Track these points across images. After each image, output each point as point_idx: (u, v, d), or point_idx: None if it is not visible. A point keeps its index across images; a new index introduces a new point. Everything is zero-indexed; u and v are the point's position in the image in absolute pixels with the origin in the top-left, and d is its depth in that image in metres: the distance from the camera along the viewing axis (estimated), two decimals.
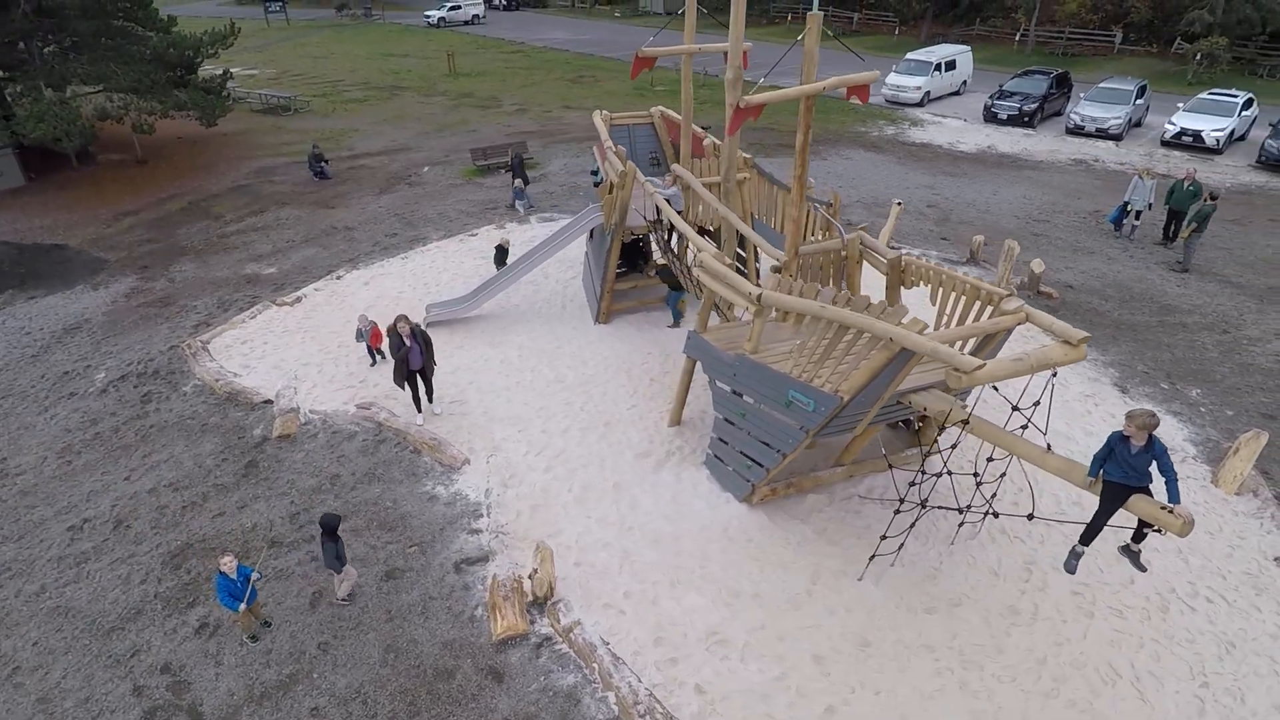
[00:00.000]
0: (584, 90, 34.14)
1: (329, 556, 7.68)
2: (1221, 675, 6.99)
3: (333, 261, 16.27)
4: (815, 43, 8.55)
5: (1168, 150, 24.13)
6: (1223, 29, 34.02)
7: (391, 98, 32.98)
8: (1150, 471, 5.67)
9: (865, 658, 7.16)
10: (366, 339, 11.67)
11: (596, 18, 61.65)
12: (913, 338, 6.51)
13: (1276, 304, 14.28)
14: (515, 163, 19.49)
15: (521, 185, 18.99)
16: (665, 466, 9.81)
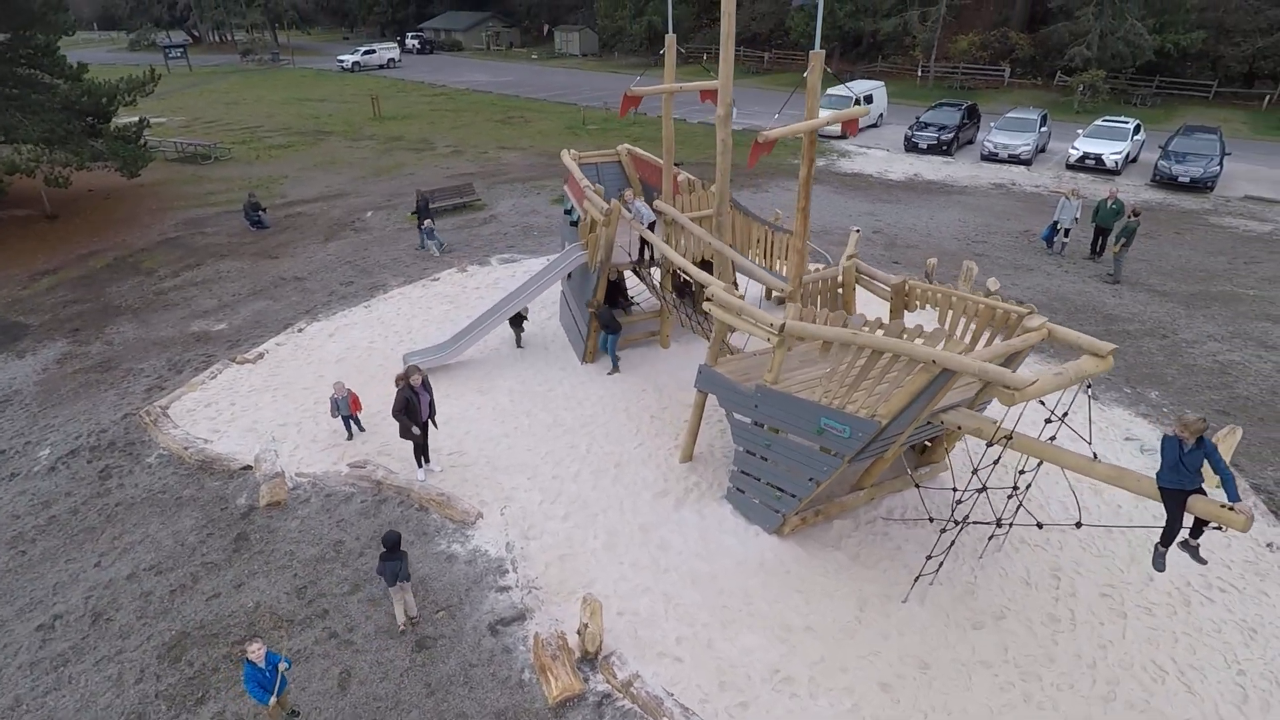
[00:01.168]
0: (516, 131, 34.15)
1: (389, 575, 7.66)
2: (1253, 660, 7.38)
3: (288, 314, 15.44)
4: (818, 80, 8.82)
5: (1073, 172, 26.16)
6: (1099, 63, 37.43)
7: (317, 143, 31.97)
8: (1200, 472, 5.98)
9: (929, 680, 7.17)
10: (345, 409, 10.71)
11: (514, 60, 62.10)
12: (959, 359, 6.69)
13: (1200, 309, 15.54)
14: (422, 204, 19.07)
15: (430, 226, 18.70)
16: (686, 504, 9.66)
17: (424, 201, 19.12)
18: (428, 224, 18.69)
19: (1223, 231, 20.53)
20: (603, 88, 45.94)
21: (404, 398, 9.43)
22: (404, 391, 9.43)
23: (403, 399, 9.44)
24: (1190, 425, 5.77)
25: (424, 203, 19.09)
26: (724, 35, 10.05)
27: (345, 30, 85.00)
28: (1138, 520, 9.24)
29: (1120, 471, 6.48)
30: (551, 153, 29.86)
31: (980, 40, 47.23)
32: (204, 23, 76.11)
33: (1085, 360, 6.98)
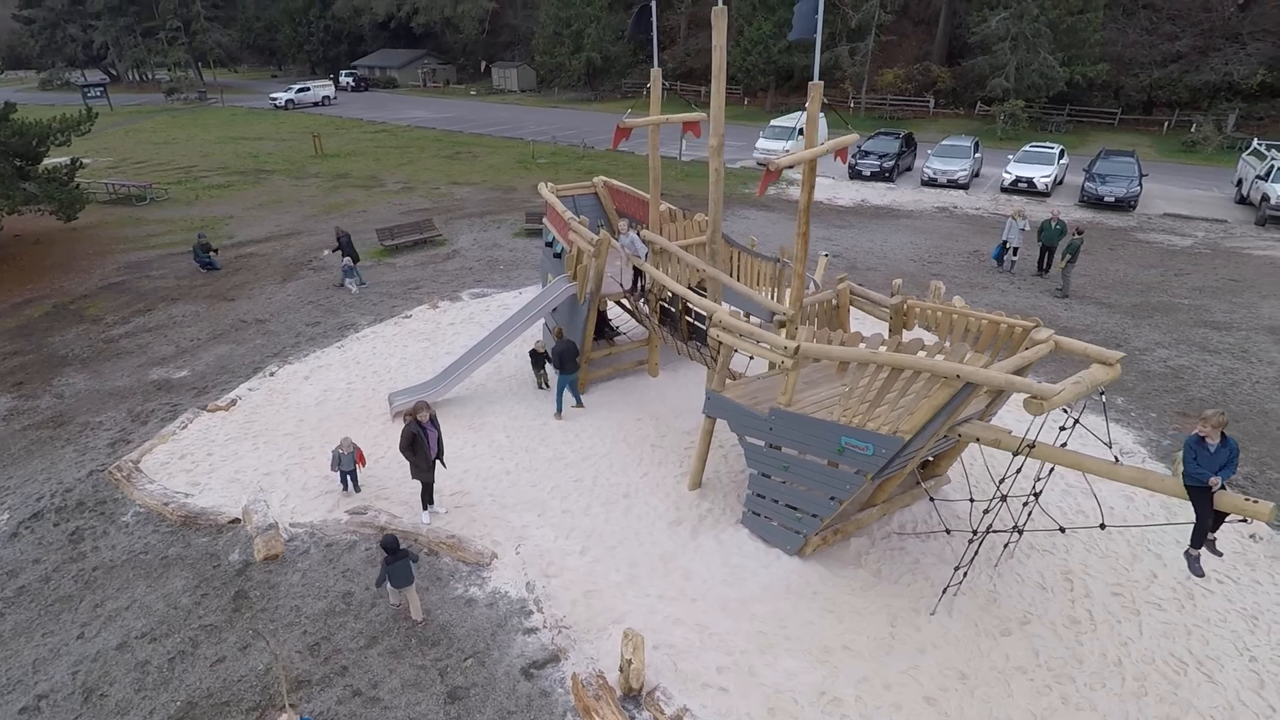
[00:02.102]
0: (465, 166, 33.97)
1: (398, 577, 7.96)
2: (1260, 647, 7.78)
3: (254, 358, 14.78)
4: (817, 109, 9.10)
5: (1008, 195, 27.71)
6: (1017, 93, 39.93)
7: (259, 182, 31.03)
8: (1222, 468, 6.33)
9: (970, 690, 7.27)
10: (349, 465, 10.10)
11: (452, 96, 62.01)
12: (985, 373, 6.94)
13: (1145, 319, 16.57)
14: (344, 241, 18.52)
15: (351, 263, 18.25)
16: (702, 531, 9.61)
17: (345, 237, 18.49)
18: (346, 261, 18.17)
19: (1150, 246, 22.03)
20: (546, 122, 46.33)
21: (410, 433, 9.12)
22: (410, 426, 9.13)
23: (409, 434, 9.13)
24: (1211, 420, 6.12)
25: (345, 238, 18.47)
26: (715, 69, 10.28)
27: (273, 68, 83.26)
28: (1132, 519, 9.67)
29: (1144, 473, 6.79)
30: (505, 187, 29.86)
31: (905, 73, 49.90)
32: (122, 61, 73.30)
33: (1096, 369, 7.34)
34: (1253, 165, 25.59)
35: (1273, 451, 11.40)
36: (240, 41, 78.38)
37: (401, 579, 8.03)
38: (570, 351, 11.87)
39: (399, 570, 7.97)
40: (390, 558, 7.93)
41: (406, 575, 8.03)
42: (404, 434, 9.18)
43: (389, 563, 7.93)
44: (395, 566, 7.94)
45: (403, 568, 7.98)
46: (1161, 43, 42.09)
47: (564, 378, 12.09)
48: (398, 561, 7.94)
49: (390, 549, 7.94)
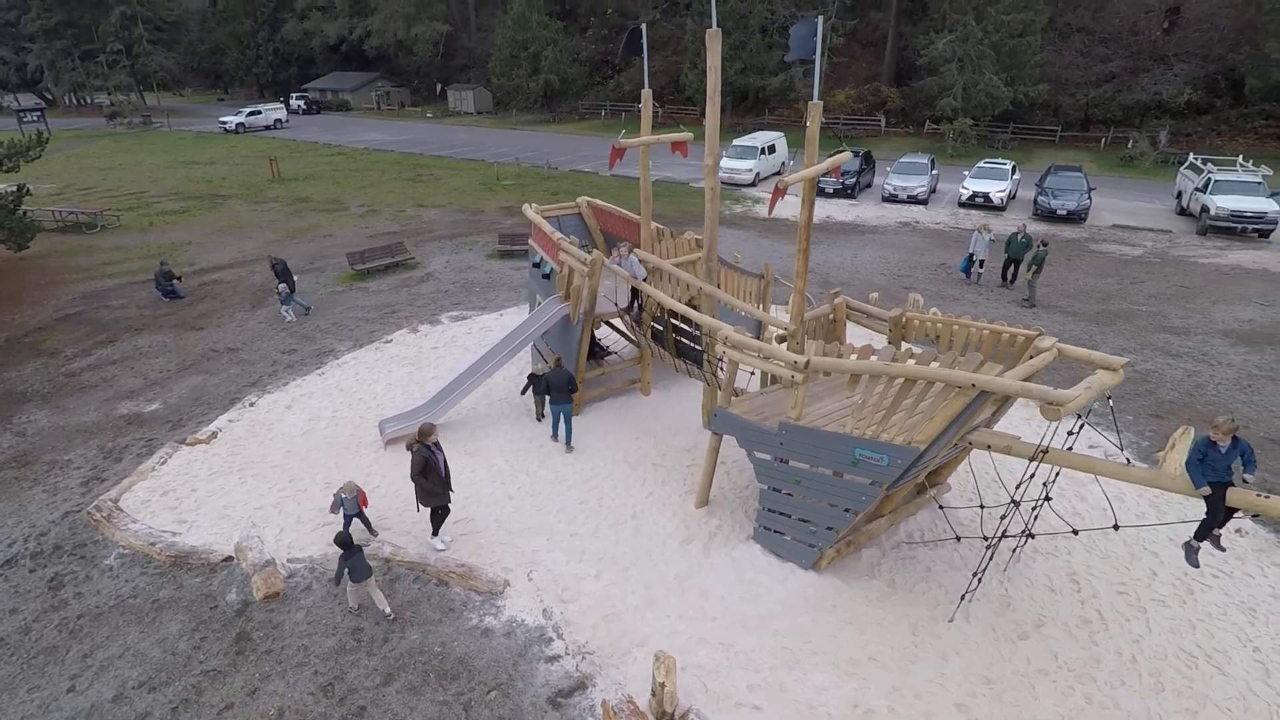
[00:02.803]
0: (429, 189, 33.64)
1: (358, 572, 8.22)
2: (1261, 637, 8.08)
3: (229, 388, 14.27)
4: (816, 129, 9.29)
5: (966, 210, 28.66)
6: (965, 112, 41.49)
7: (215, 207, 30.17)
8: (1231, 468, 6.60)
9: (998, 695, 7.37)
10: (353, 509, 9.62)
11: (407, 119, 61.51)
12: (1001, 382, 7.12)
13: (1109, 326, 17.26)
14: (279, 268, 17.73)
15: (287, 290, 17.62)
16: (714, 549, 9.58)
17: (280, 264, 17.73)
18: (283, 288, 17.52)
19: (1104, 256, 23.00)
20: (506, 144, 46.27)
21: (422, 458, 8.91)
22: (421, 451, 8.91)
23: (420, 459, 8.91)
24: (1222, 427, 6.39)
25: (280, 265, 17.71)
26: (710, 89, 10.43)
27: (219, 92, 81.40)
28: (1124, 519, 9.98)
29: (1156, 474, 7.04)
30: (472, 209, 29.65)
31: (856, 94, 51.43)
32: (59, 85, 70.73)
33: (1102, 375, 7.59)
34: (1191, 178, 27.03)
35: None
36: (184, 64, 76.49)
37: (361, 573, 8.29)
38: (568, 383, 11.54)
39: (357, 564, 8.24)
40: (347, 553, 8.19)
41: (365, 569, 8.31)
42: (415, 460, 8.95)
43: (345, 558, 8.19)
44: (353, 561, 8.21)
45: (360, 561, 8.27)
46: (1095, 64, 44.34)
47: (558, 408, 11.72)
48: (354, 556, 8.21)
49: (344, 545, 8.21)
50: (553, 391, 11.48)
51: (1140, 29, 44.54)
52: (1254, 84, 35.82)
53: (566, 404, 11.53)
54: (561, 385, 11.38)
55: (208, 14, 76.76)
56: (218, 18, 73.85)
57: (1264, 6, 35.24)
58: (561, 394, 11.40)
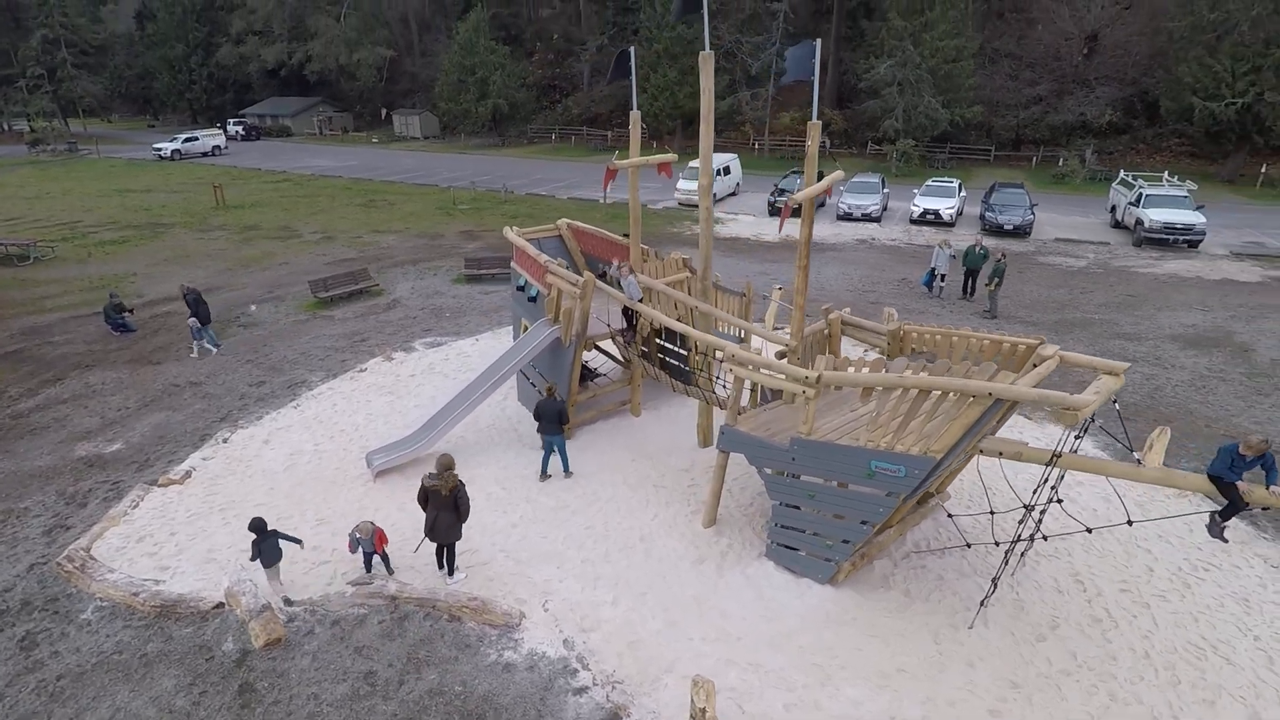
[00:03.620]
0: (384, 214, 33.01)
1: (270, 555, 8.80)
2: (1259, 626, 8.45)
3: (197, 424, 13.57)
4: (815, 148, 9.50)
5: (918, 226, 29.68)
6: (907, 133, 43.15)
7: (158, 236, 28.91)
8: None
9: (1027, 698, 7.48)
10: (370, 547, 9.16)
11: (352, 144, 60.44)
12: (1017, 390, 7.33)
13: (1067, 334, 18.03)
14: (191, 298, 16.77)
15: (198, 324, 16.73)
16: (727, 568, 9.51)
17: (193, 295, 16.78)
18: (193, 321, 16.67)
19: (1052, 268, 24.10)
20: (456, 169, 45.87)
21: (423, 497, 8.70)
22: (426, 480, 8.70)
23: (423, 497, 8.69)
24: (1255, 446, 6.73)
25: (193, 297, 16.75)
26: (704, 111, 10.54)
27: (149, 118, 78.41)
28: (1114, 518, 10.34)
29: (1168, 473, 7.33)
30: (431, 234, 29.22)
31: (800, 116, 52.94)
32: None
33: (1106, 379, 7.89)
34: (1123, 193, 28.65)
35: (1210, 446, 12.52)
36: (111, 89, 73.45)
37: (273, 556, 8.87)
38: (558, 415, 11.14)
39: (270, 547, 8.82)
40: (260, 537, 8.70)
41: (277, 552, 8.91)
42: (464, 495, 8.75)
43: (259, 543, 8.70)
44: (267, 544, 8.76)
45: (273, 545, 8.84)
46: (1024, 87, 46.80)
47: (549, 439, 11.30)
48: (268, 540, 8.75)
49: (259, 530, 8.69)
50: (542, 421, 11.12)
51: (1062, 55, 47.24)
52: (1169, 106, 38.32)
53: (556, 435, 11.19)
54: (552, 416, 11.02)
55: (135, 38, 74.07)
56: (146, 41, 71.31)
57: (1174, 35, 37.87)
58: (551, 425, 11.07)
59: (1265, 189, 36.07)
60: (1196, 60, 35.70)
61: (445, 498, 8.75)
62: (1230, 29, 34.52)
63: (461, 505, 8.94)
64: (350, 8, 62.12)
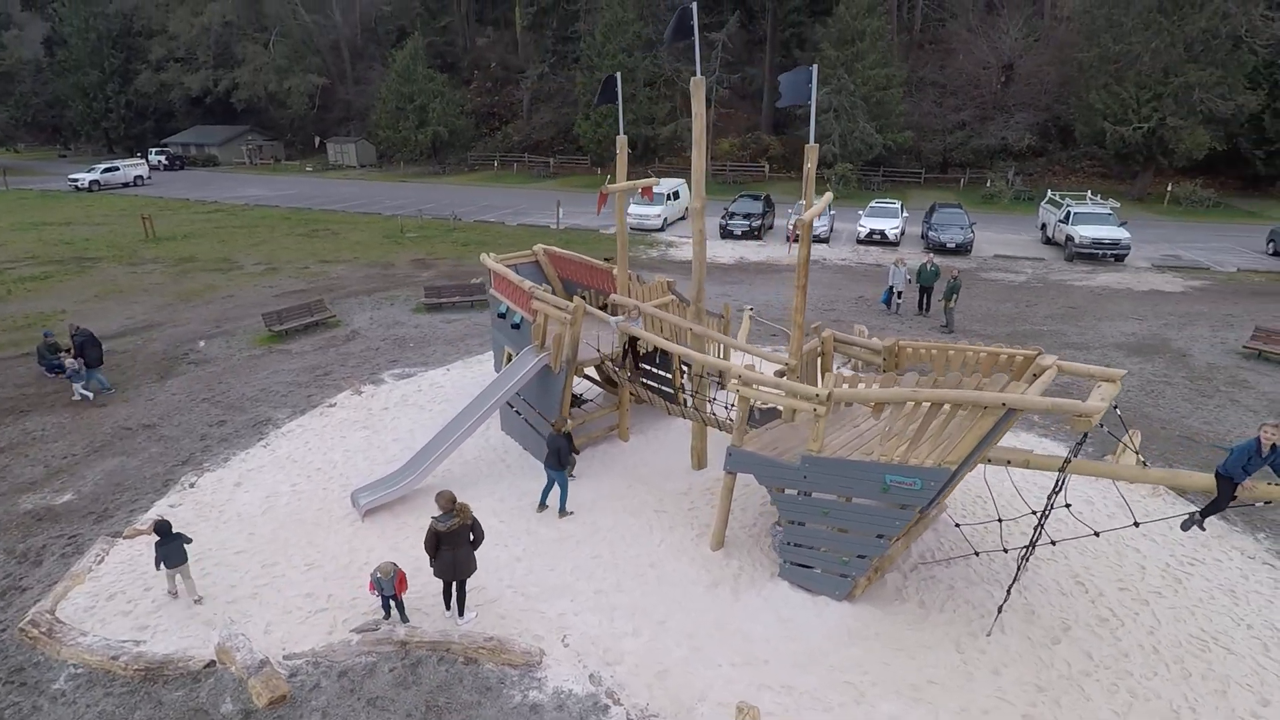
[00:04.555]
0: (329, 244, 32.02)
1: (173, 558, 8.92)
2: (1249, 614, 8.89)
3: (156, 469, 12.70)
4: (813, 169, 9.71)
5: (865, 246, 30.67)
6: (843, 157, 44.75)
7: (84, 271, 27.21)
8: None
9: (1055, 701, 7.63)
10: (389, 590, 8.61)
11: (285, 173, 58.63)
12: (1030, 399, 7.57)
13: (1019, 345, 18.71)
14: (80, 340, 15.59)
15: (78, 366, 15.50)
16: (742, 591, 9.43)
17: (83, 336, 15.64)
18: (70, 364, 15.57)
19: (996, 284, 25.25)
20: (398, 197, 45.02)
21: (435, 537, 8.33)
22: (447, 527, 8.31)
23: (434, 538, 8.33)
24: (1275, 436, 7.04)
25: (83, 338, 15.62)
26: (696, 135, 10.67)
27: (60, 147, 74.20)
28: (1101, 522, 10.78)
29: (1173, 473, 7.69)
30: (382, 263, 28.50)
31: (740, 142, 54.35)
32: None
33: (1105, 386, 8.24)
34: (1052, 212, 30.37)
35: (1171, 447, 13.28)
36: (16, 118, 69.26)
37: (177, 559, 8.97)
38: (558, 452, 10.84)
39: (174, 550, 8.92)
40: (163, 540, 8.83)
41: (181, 555, 8.99)
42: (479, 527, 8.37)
43: (162, 545, 8.84)
44: (170, 547, 8.87)
45: (177, 548, 8.94)
46: (949, 113, 49.33)
47: (550, 473, 11.03)
48: (171, 542, 8.85)
49: (163, 532, 8.83)
50: (547, 456, 10.91)
51: (982, 83, 50.13)
52: (1083, 130, 41.00)
53: (558, 471, 10.91)
54: (554, 451, 10.77)
55: (44, 64, 70.22)
56: (57, 68, 67.67)
57: (1083, 65, 40.67)
58: (552, 458, 10.83)
59: (1172, 206, 38.89)
60: (1105, 88, 38.39)
61: (461, 534, 8.41)
62: (1133, 60, 37.31)
63: (477, 534, 8.62)
64: (279, 35, 60.59)
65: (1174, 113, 36.81)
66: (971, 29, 51.00)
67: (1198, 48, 35.97)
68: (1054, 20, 51.03)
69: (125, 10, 66.68)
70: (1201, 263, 27.47)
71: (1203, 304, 22.53)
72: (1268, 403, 15.19)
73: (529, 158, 58.56)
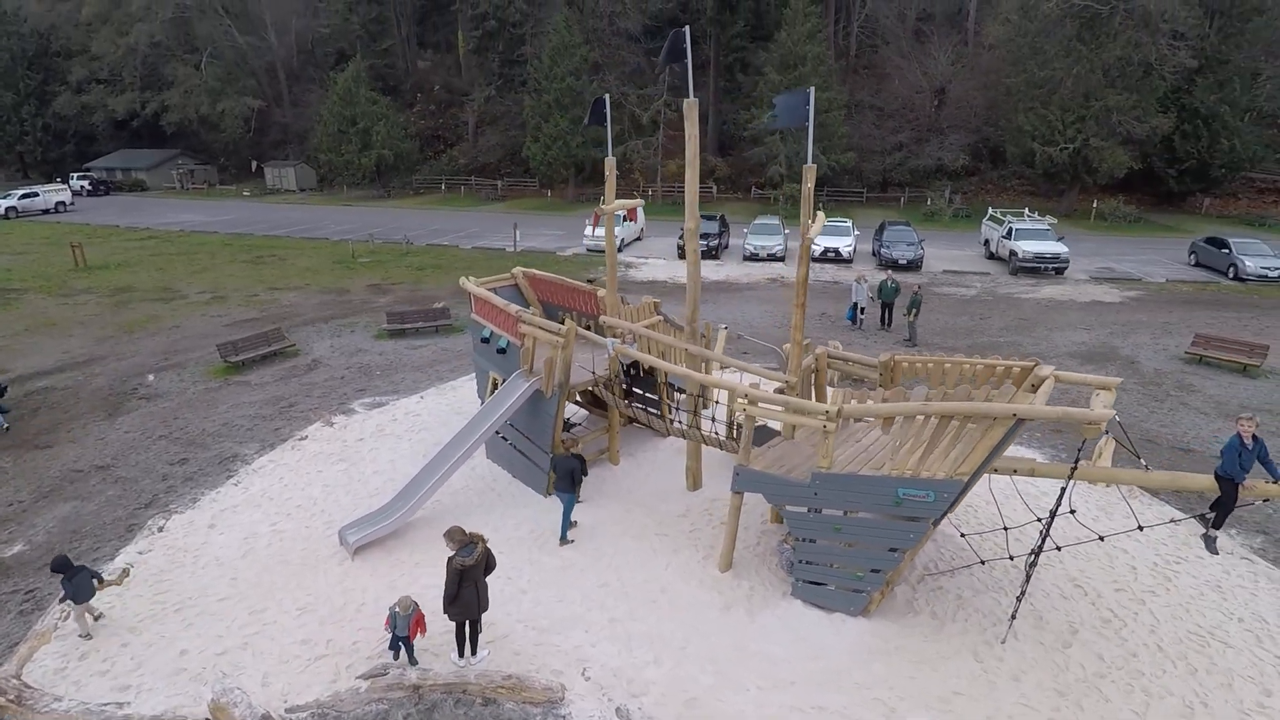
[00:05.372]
0: (276, 270, 30.91)
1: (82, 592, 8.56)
2: (1237, 607, 9.29)
3: (115, 513, 11.87)
4: (811, 189, 9.86)
5: (821, 264, 31.37)
6: (790, 178, 45.86)
7: (9, 305, 25.49)
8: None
9: (1076, 703, 7.78)
10: (403, 630, 8.17)
11: (221, 198, 56.51)
12: (1041, 409, 7.81)
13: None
14: None
15: None
16: (757, 612, 9.35)
17: None
18: None
19: (949, 298, 26.14)
20: (345, 221, 43.91)
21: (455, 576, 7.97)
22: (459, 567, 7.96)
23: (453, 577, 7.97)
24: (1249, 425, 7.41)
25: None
26: (689, 157, 10.71)
27: None
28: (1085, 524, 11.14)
29: (1175, 476, 8.00)
30: (336, 289, 27.67)
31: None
32: None
33: (1104, 394, 8.56)
34: (994, 228, 31.73)
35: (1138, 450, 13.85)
36: None
37: (86, 594, 8.67)
38: (570, 472, 10.73)
39: (82, 586, 8.62)
40: (69, 574, 8.55)
41: (89, 590, 8.70)
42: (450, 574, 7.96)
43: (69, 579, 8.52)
44: (78, 581, 8.55)
45: (85, 582, 8.65)
46: (888, 135, 51.21)
47: (561, 495, 10.90)
48: (78, 575, 8.55)
49: (64, 568, 8.58)
50: (557, 478, 10.76)
51: (917, 106, 52.31)
52: (1013, 150, 43.15)
53: (567, 493, 10.74)
54: (564, 473, 10.62)
55: None
56: None
57: (1012, 90, 42.92)
58: (565, 480, 10.65)
59: (1098, 221, 41.16)
60: (1033, 111, 40.55)
61: (481, 566, 8.10)
62: (1057, 85, 39.58)
63: (491, 564, 8.32)
64: (211, 56, 58.62)
65: (1096, 134, 39.12)
66: (904, 54, 53.28)
67: (1114, 74, 38.43)
68: (979, 48, 53.75)
69: (41, 30, 63.50)
70: (1134, 274, 29.10)
71: (1141, 313, 23.82)
72: (1215, 405, 16.08)
73: (476, 181, 58.03)
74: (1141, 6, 36.82)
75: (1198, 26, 39.19)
